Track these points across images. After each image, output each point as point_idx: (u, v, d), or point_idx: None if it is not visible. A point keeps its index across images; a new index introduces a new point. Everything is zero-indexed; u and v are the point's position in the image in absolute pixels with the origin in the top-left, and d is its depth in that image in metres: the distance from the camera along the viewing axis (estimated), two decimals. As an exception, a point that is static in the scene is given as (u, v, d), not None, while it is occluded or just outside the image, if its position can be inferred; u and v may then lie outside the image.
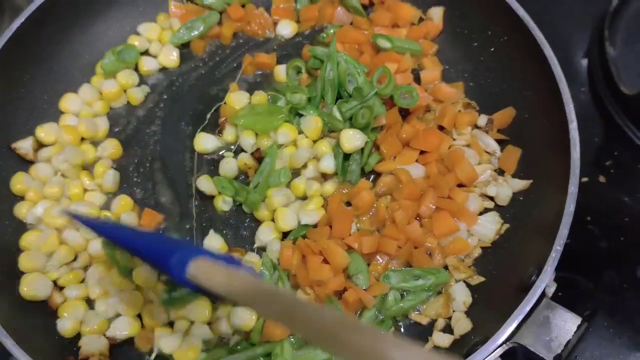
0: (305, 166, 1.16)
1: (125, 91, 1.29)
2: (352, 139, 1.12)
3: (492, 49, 1.22)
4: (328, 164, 1.13)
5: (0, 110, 1.19)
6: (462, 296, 1.03)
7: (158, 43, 1.34)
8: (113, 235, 0.98)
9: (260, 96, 1.23)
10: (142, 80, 1.31)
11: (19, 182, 1.16)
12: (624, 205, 1.25)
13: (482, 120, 1.20)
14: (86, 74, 1.30)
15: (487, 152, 1.18)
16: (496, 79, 1.23)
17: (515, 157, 1.15)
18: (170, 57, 1.32)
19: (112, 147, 1.22)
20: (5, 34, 1.17)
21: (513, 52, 1.18)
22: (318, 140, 1.17)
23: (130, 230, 0.99)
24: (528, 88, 1.16)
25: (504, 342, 0.86)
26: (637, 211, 1.24)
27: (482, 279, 1.05)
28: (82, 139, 1.22)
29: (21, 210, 1.15)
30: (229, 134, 1.21)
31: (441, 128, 1.19)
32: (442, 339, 0.99)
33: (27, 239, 1.12)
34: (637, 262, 1.17)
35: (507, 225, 1.09)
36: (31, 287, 1.07)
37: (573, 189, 0.96)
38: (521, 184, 1.11)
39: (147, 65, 1.31)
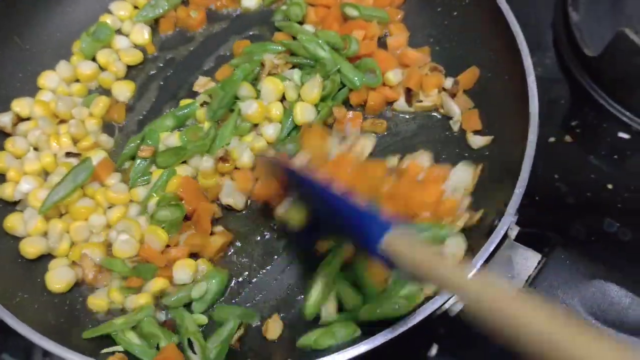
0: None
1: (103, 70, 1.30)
2: (305, 112, 1.17)
3: (455, 13, 1.26)
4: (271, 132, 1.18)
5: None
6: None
7: (129, 22, 1.35)
8: (316, 193, 0.92)
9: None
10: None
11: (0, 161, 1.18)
12: (589, 162, 1.28)
13: (449, 82, 1.23)
14: (60, 52, 1.32)
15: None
16: (460, 43, 1.26)
17: (475, 116, 1.19)
18: (142, 36, 1.33)
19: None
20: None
21: (475, 15, 1.22)
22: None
23: (335, 194, 0.88)
24: (490, 49, 1.19)
25: None
26: (602, 168, 1.27)
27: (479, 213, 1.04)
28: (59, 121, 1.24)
29: (5, 191, 1.16)
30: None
31: (408, 90, 1.22)
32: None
33: (11, 221, 1.13)
34: (603, 215, 1.21)
35: (481, 165, 1.10)
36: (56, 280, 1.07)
37: (532, 136, 0.99)
38: (483, 140, 1.15)
39: (120, 44, 1.33)
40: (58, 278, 1.07)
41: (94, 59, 1.31)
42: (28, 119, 1.24)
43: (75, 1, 1.35)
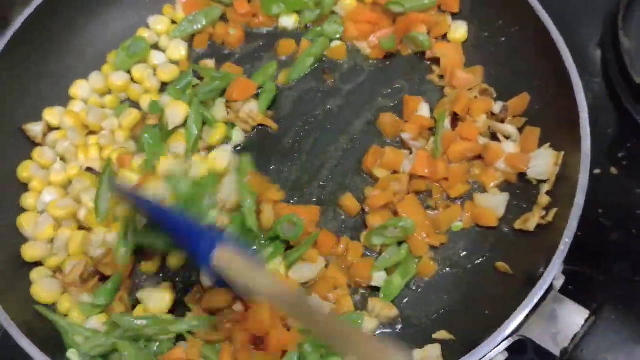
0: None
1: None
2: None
3: (503, 39, 1.22)
4: None
5: (13, 95, 1.21)
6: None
7: (166, 37, 1.34)
8: (152, 212, 0.99)
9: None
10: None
11: (25, 170, 1.18)
12: (636, 197, 1.24)
13: (497, 107, 1.18)
14: (97, 63, 1.31)
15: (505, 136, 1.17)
16: (507, 69, 1.21)
17: (535, 136, 1.13)
18: (178, 52, 1.32)
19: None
20: (17, 21, 1.19)
21: (523, 42, 1.17)
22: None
23: (168, 210, 0.99)
24: (539, 79, 1.15)
25: (510, 335, 0.86)
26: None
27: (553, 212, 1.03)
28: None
29: (27, 201, 1.16)
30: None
31: (455, 115, 1.18)
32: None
33: (25, 218, 1.14)
34: (649, 253, 1.17)
35: (562, 153, 1.06)
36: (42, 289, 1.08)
37: (583, 181, 0.95)
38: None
39: (156, 59, 1.31)
40: (46, 290, 1.08)
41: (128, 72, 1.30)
42: (58, 128, 1.24)
43: (113, 14, 1.34)
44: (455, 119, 1.20)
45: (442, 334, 1.00)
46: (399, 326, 1.04)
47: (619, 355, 0.77)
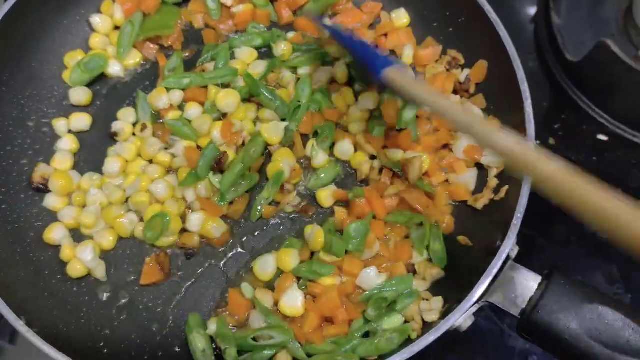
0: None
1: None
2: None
3: (450, 29, 1.30)
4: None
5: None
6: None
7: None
8: (342, 38, 1.20)
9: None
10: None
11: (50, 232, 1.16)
12: (571, 164, 1.36)
13: (463, 76, 1.27)
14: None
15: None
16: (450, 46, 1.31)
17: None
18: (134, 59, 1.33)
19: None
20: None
21: (473, 35, 1.26)
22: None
23: (352, 37, 1.21)
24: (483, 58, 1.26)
25: (477, 301, 0.97)
26: (582, 169, 1.36)
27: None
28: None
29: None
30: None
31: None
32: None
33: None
34: (584, 216, 1.31)
35: None
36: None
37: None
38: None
39: (112, 69, 1.31)
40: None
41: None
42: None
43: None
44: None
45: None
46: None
47: (569, 313, 0.89)
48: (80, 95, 1.27)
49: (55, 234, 1.15)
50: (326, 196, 1.20)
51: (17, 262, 1.12)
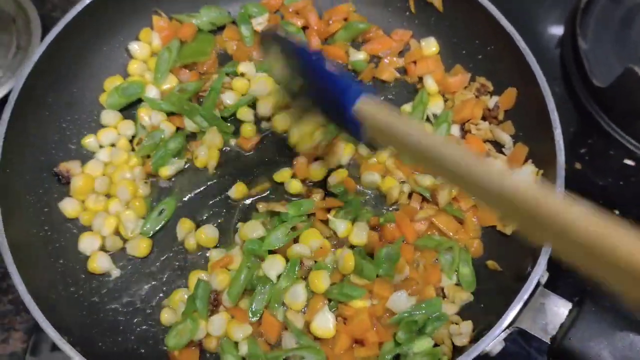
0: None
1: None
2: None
3: (480, 57, 1.32)
4: None
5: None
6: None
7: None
8: (301, 56, 1.02)
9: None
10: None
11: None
12: (598, 188, 1.38)
13: (492, 102, 1.29)
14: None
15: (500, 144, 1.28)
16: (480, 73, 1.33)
17: (522, 153, 1.23)
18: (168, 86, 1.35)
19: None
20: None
21: (502, 63, 1.28)
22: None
23: (316, 59, 0.99)
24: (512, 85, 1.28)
25: (507, 327, 0.98)
26: (609, 193, 1.38)
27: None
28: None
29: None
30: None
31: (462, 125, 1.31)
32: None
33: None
34: (612, 240, 1.32)
35: (541, 170, 1.16)
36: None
37: (559, 189, 1.08)
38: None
39: (149, 94, 1.33)
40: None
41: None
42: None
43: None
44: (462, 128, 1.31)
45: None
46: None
47: (601, 341, 0.90)
48: (110, 117, 1.31)
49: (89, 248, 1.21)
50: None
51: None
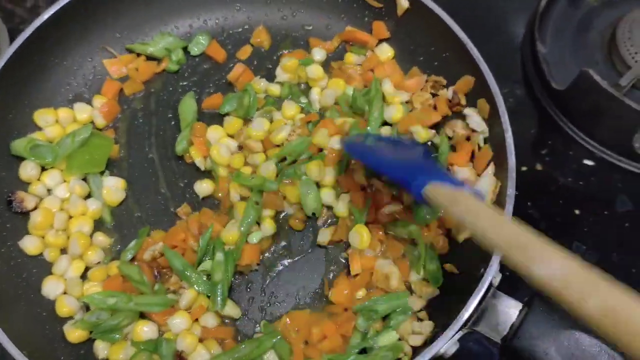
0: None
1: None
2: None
3: (436, 63, 1.35)
4: None
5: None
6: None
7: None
8: (372, 158, 1.13)
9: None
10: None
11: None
12: (558, 188, 1.40)
13: (450, 93, 1.30)
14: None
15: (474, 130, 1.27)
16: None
17: (486, 157, 1.22)
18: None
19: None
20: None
21: (457, 69, 1.30)
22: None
23: (385, 154, 1.12)
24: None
25: (460, 328, 1.00)
26: (569, 193, 1.40)
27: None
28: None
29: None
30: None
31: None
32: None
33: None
34: (572, 239, 1.34)
35: (499, 183, 1.16)
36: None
37: (511, 192, 1.10)
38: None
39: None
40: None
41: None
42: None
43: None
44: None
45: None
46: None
47: (548, 340, 0.93)
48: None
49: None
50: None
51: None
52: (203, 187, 1.28)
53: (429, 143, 1.32)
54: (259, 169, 1.26)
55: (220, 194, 1.27)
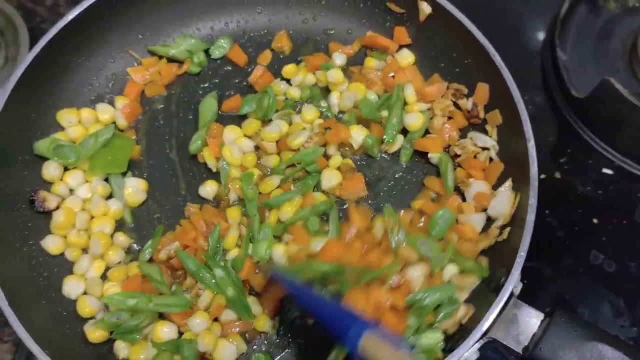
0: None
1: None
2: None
3: (457, 70, 1.35)
4: None
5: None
6: None
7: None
8: (302, 297, 1.05)
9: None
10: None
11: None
12: (577, 197, 1.40)
13: (469, 104, 1.30)
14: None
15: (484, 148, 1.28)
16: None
17: (497, 170, 1.23)
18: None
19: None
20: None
21: (478, 76, 1.30)
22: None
23: (317, 296, 1.04)
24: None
25: (481, 337, 1.00)
26: (588, 202, 1.39)
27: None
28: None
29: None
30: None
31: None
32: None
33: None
34: (590, 248, 1.34)
35: (518, 197, 1.15)
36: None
37: (532, 201, 1.10)
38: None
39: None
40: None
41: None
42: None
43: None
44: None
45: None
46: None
47: (570, 351, 0.93)
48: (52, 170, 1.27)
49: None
50: None
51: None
52: (207, 190, 1.29)
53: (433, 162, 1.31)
54: (264, 180, 1.27)
55: (225, 195, 1.28)
